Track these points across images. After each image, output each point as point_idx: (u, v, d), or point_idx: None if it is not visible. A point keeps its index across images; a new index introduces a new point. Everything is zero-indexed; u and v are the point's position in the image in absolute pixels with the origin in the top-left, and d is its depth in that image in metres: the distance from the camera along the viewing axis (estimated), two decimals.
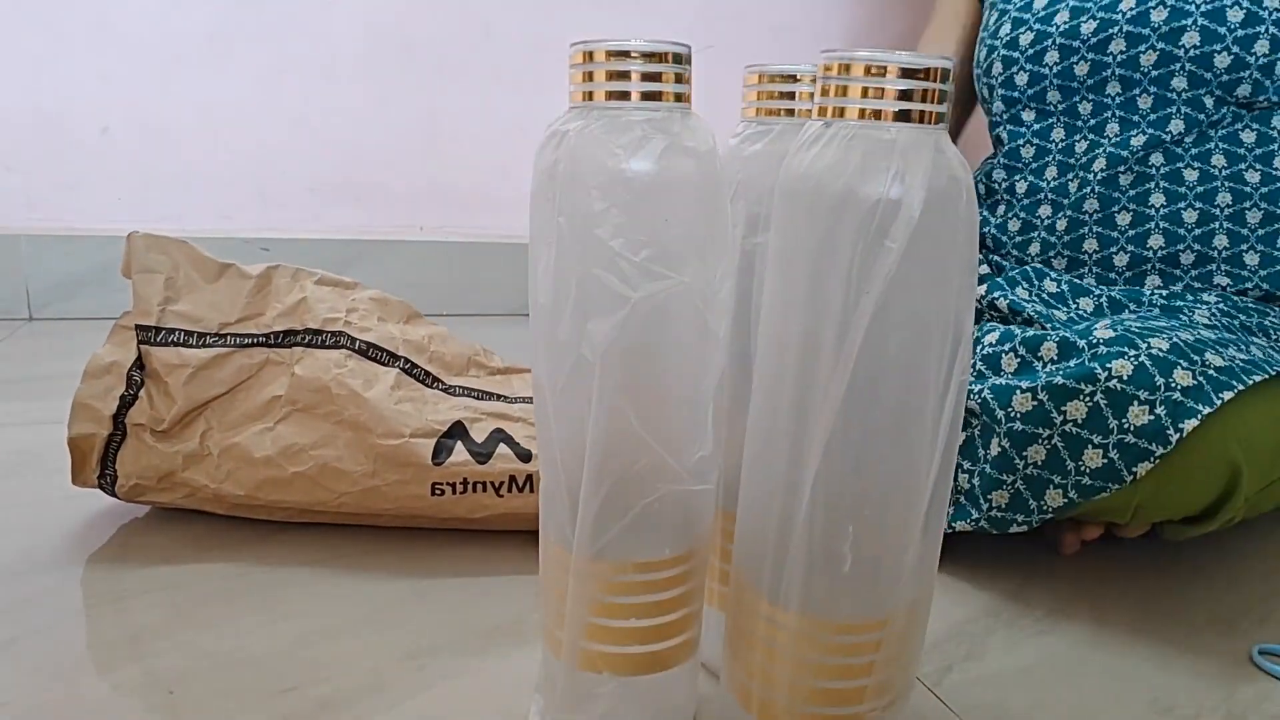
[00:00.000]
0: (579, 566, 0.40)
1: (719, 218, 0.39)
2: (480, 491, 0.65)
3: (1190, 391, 0.55)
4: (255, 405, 0.66)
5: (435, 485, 0.64)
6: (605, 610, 0.40)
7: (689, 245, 0.38)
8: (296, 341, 0.68)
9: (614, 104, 0.37)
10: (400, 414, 0.65)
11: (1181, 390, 0.55)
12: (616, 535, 0.39)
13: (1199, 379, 0.56)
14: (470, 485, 0.65)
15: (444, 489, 0.64)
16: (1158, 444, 0.55)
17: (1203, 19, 0.77)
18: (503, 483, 0.65)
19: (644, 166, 0.36)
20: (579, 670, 0.41)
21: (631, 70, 0.37)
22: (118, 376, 0.65)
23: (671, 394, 0.39)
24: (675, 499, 0.40)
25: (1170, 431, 0.55)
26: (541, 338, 0.39)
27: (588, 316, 0.37)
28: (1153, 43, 0.78)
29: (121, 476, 0.64)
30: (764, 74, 0.45)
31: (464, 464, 0.65)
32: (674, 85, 0.38)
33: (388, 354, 0.71)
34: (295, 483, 0.64)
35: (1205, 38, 0.77)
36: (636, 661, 0.41)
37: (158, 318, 0.66)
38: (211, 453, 0.64)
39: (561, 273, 0.38)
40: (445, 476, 0.64)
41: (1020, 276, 0.77)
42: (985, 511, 0.62)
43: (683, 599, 0.42)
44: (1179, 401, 0.55)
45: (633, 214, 0.36)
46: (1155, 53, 0.78)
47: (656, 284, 0.37)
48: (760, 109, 0.46)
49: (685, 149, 0.37)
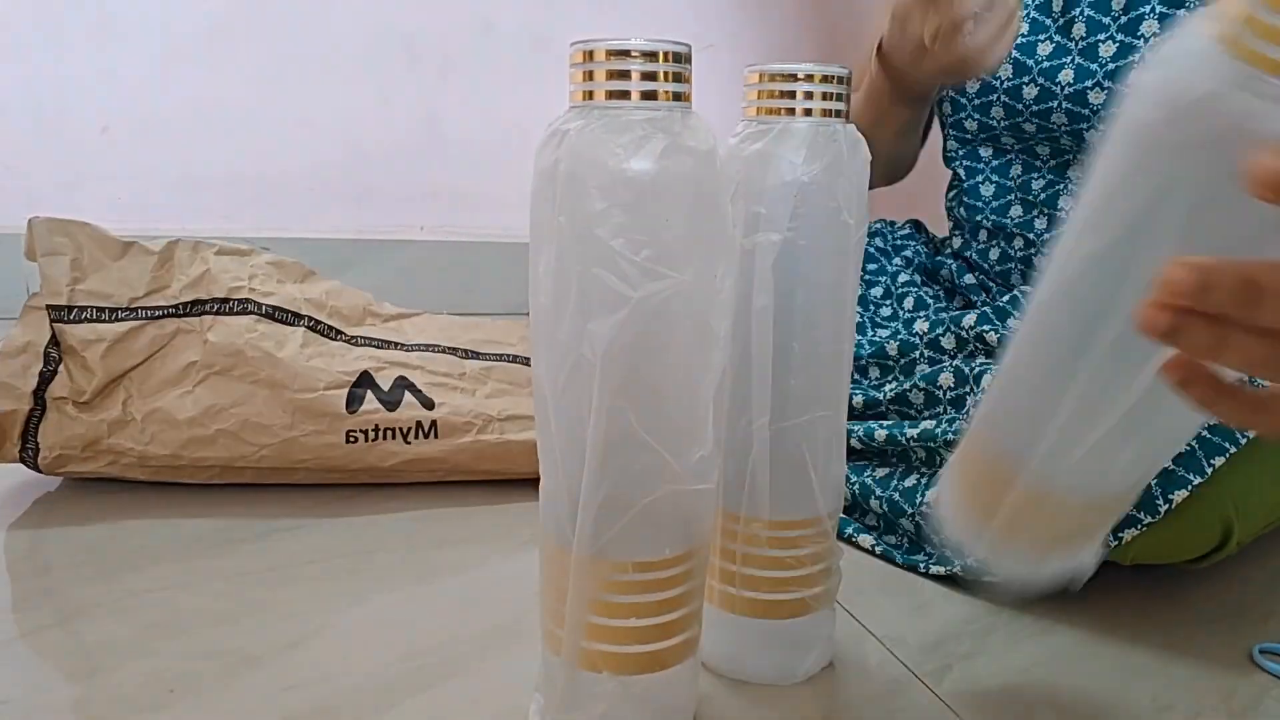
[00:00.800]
0: (579, 565, 0.39)
1: (719, 217, 0.39)
2: (390, 439, 0.71)
3: (1182, 459, 0.54)
4: (173, 372, 0.70)
5: (349, 433, 0.70)
6: (605, 609, 0.41)
7: (689, 245, 0.38)
8: (205, 310, 0.73)
9: (614, 103, 0.37)
10: (312, 369, 0.71)
11: (1173, 459, 0.54)
12: (616, 534, 0.39)
13: (1192, 444, 0.55)
14: (381, 432, 0.71)
15: (357, 436, 0.70)
16: (1146, 513, 0.55)
17: None
18: (410, 429, 0.71)
19: (644, 166, 0.36)
20: (579, 669, 0.41)
21: (631, 69, 0.37)
22: (34, 354, 0.69)
23: (671, 394, 0.39)
24: (675, 499, 0.40)
25: (1160, 502, 0.55)
26: (542, 338, 0.39)
27: (588, 316, 0.37)
28: (1094, 123, 0.77)
29: (44, 449, 0.68)
30: (764, 73, 0.45)
31: (374, 411, 0.71)
32: (674, 84, 0.38)
33: (292, 314, 0.76)
34: (218, 439, 0.69)
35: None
36: (636, 661, 0.41)
37: (68, 297, 0.69)
38: (135, 418, 0.68)
39: (562, 273, 0.38)
40: (358, 424, 0.70)
41: (1010, 305, 0.74)
42: (965, 559, 0.61)
43: (682, 598, 0.42)
44: (1170, 470, 0.54)
45: (633, 213, 0.36)
46: (1098, 131, 0.77)
47: (657, 284, 0.37)
48: (761, 108, 0.46)
49: (685, 148, 0.37)
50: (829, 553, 0.50)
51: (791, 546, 0.48)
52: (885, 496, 0.67)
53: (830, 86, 0.44)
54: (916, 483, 0.66)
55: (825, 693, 0.51)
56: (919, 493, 0.65)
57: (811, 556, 0.49)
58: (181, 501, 0.70)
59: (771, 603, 0.49)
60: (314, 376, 0.70)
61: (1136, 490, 0.43)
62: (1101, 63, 0.74)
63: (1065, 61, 0.76)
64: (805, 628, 0.50)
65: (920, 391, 0.71)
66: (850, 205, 0.45)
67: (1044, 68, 0.77)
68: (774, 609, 0.49)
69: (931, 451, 0.66)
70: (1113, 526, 0.56)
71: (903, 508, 0.65)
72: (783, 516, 0.48)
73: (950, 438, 0.63)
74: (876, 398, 0.75)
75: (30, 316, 0.70)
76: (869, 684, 0.51)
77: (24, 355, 0.68)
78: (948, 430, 0.64)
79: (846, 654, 0.55)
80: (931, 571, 0.63)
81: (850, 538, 0.68)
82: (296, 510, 0.69)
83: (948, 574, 0.62)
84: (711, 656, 0.50)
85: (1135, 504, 0.55)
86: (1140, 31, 0.73)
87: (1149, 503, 0.55)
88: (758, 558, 0.48)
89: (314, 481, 0.71)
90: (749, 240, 0.44)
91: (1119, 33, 0.74)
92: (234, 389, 0.70)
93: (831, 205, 0.45)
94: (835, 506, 0.50)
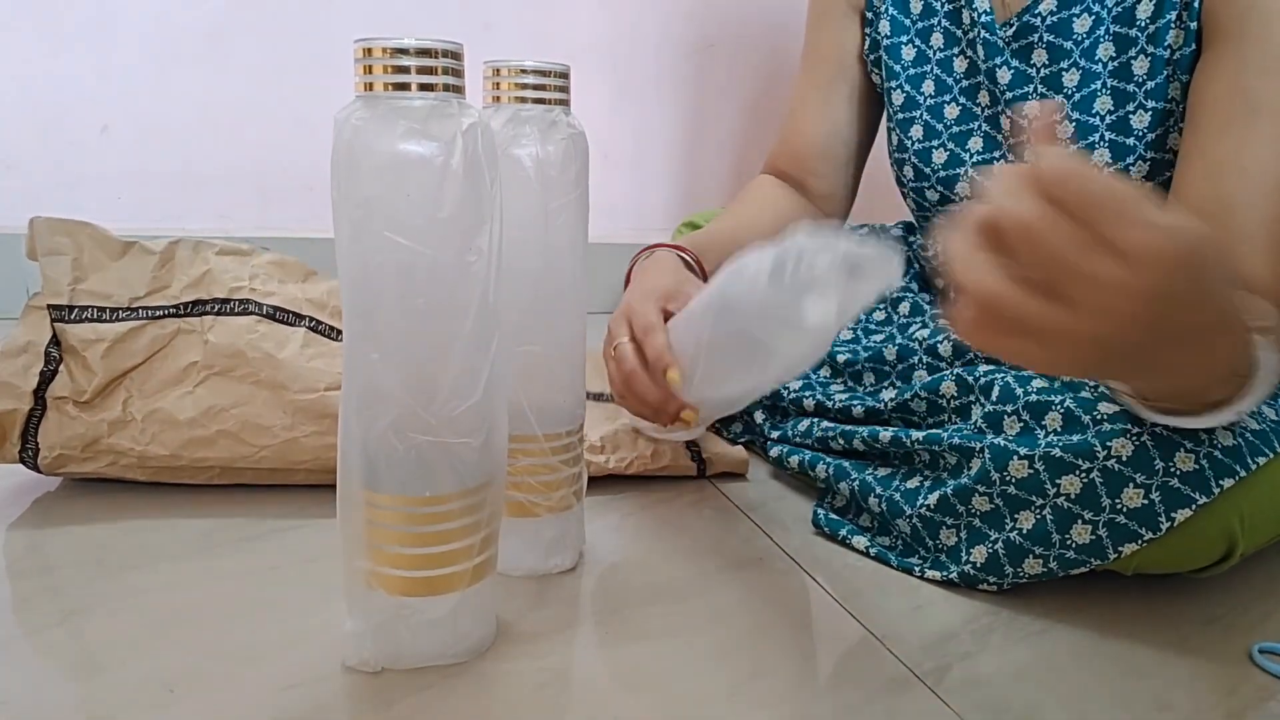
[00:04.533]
0: (356, 496, 0.48)
1: (474, 194, 0.45)
2: None
3: (1189, 477, 0.54)
4: (173, 372, 0.70)
5: None
6: (381, 537, 0.48)
7: (437, 218, 0.44)
8: (206, 311, 0.72)
9: (390, 94, 0.44)
10: (313, 370, 0.71)
11: (1180, 476, 0.54)
12: (384, 473, 0.47)
13: (1201, 462, 0.54)
14: None
15: None
16: (1148, 529, 0.55)
17: None
18: None
19: (398, 148, 0.43)
20: (363, 587, 0.49)
21: (410, 65, 0.44)
22: (35, 354, 0.69)
23: (423, 353, 0.46)
24: (432, 447, 0.47)
25: (1162, 519, 0.54)
26: (343, 304, 0.47)
27: (354, 283, 0.46)
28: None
29: (44, 449, 0.68)
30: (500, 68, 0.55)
31: None
32: (446, 78, 0.45)
33: (293, 315, 0.75)
34: (219, 440, 0.69)
35: None
36: (411, 584, 0.48)
37: (69, 297, 0.70)
38: (135, 418, 0.68)
39: (341, 244, 0.45)
40: None
41: None
42: (961, 565, 0.61)
43: (453, 534, 0.48)
44: (1175, 489, 0.54)
45: (387, 191, 0.44)
46: None
47: (402, 254, 0.44)
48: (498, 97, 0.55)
49: (433, 133, 0.44)
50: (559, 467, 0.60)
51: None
52: (885, 495, 0.67)
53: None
54: (919, 485, 0.66)
55: (825, 693, 0.51)
56: (921, 494, 0.65)
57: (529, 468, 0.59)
58: (181, 501, 0.70)
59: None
60: (315, 378, 0.70)
61: None
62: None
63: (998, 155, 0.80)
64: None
65: (923, 400, 0.71)
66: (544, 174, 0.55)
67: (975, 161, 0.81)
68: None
69: (936, 455, 0.66)
70: (1113, 541, 0.56)
71: (902, 508, 0.65)
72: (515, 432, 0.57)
73: (956, 442, 0.63)
74: (877, 407, 0.75)
75: (31, 316, 0.70)
76: (869, 684, 0.51)
77: (25, 355, 0.69)
78: (954, 435, 0.64)
79: (847, 654, 0.55)
80: (927, 576, 0.63)
81: (844, 539, 0.68)
82: (296, 510, 0.69)
83: (944, 580, 0.62)
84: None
85: (1136, 520, 0.55)
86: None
87: (1151, 519, 0.55)
88: None
89: (314, 482, 0.71)
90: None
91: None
92: (234, 390, 0.70)
93: (522, 174, 0.54)
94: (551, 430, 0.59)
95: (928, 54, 0.86)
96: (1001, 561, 0.60)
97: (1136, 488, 0.55)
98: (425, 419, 0.46)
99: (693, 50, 1.50)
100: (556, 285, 0.57)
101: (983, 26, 0.80)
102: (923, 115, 0.85)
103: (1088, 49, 0.75)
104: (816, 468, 0.74)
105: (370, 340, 0.46)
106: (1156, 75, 0.72)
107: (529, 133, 0.55)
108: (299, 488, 0.72)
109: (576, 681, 0.51)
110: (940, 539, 0.63)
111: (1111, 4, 0.74)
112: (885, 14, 0.88)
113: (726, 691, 0.50)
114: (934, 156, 0.84)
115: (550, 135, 0.55)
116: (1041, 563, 0.59)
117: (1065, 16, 0.76)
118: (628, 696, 0.49)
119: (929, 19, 0.86)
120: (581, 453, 0.62)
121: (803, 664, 0.53)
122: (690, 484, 0.79)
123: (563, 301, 0.58)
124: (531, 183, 0.55)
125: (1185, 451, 0.55)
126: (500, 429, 0.50)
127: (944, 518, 0.63)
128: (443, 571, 0.49)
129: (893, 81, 0.88)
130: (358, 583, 0.49)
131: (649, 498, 0.75)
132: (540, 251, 0.56)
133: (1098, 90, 0.74)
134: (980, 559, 0.60)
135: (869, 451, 0.73)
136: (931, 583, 0.63)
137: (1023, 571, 0.59)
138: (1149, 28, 0.72)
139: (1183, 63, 0.71)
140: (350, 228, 0.45)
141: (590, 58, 1.44)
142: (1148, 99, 0.73)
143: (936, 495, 0.63)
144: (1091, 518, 0.56)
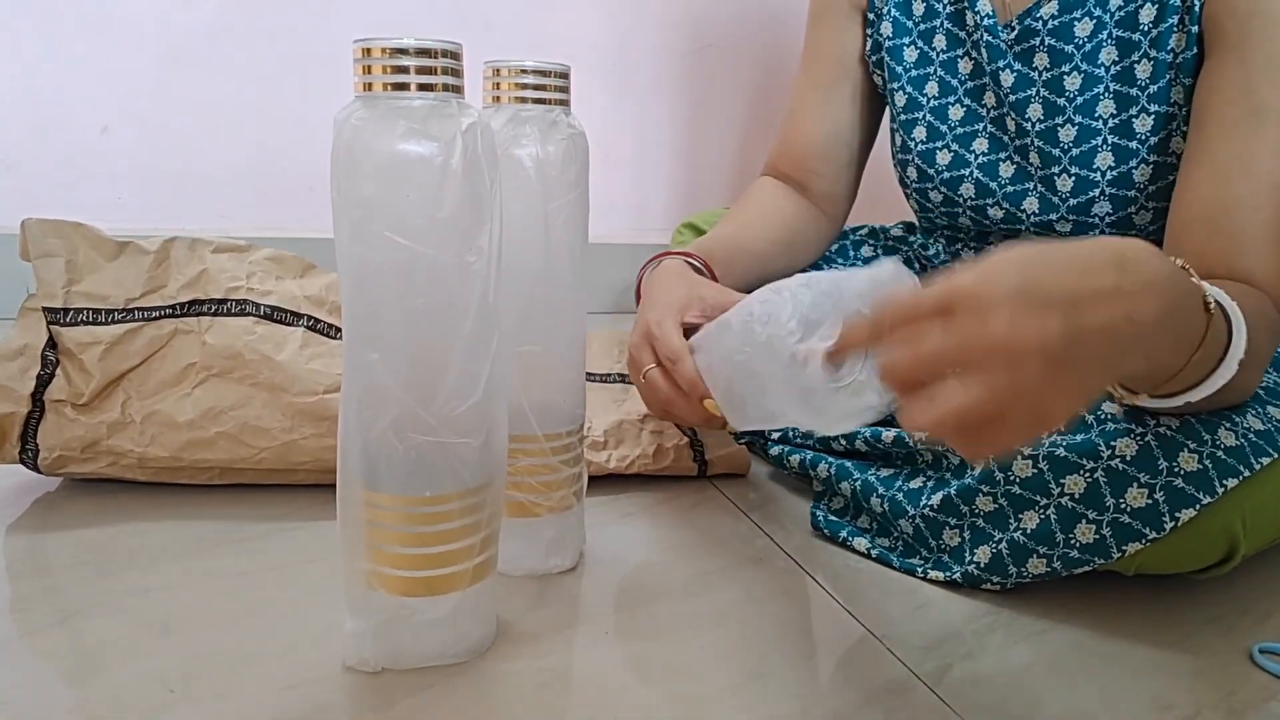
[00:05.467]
0: (356, 497, 0.48)
1: (476, 197, 0.45)
2: None
3: (1193, 477, 0.54)
4: (171, 373, 0.70)
5: None
6: (381, 537, 0.48)
7: (437, 218, 0.44)
8: (203, 311, 0.72)
9: (390, 94, 0.44)
10: (312, 373, 0.71)
11: (1184, 476, 0.54)
12: (384, 474, 0.47)
13: (1205, 462, 0.54)
14: None
15: None
16: (1151, 529, 0.55)
17: (1108, 229, 0.76)
18: None
19: (398, 148, 0.44)
20: (364, 587, 0.49)
21: (409, 65, 0.44)
22: (31, 357, 0.69)
23: (422, 353, 0.46)
24: (433, 447, 0.47)
25: (1166, 519, 0.54)
26: (343, 304, 0.47)
27: (354, 283, 0.46)
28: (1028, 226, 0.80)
29: (44, 450, 0.68)
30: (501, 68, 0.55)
31: None
32: (445, 78, 0.45)
33: (291, 314, 0.75)
34: (218, 442, 0.69)
35: (1077, 229, 0.78)
36: (411, 584, 0.48)
37: (64, 299, 0.69)
38: (134, 420, 0.68)
39: (341, 244, 0.45)
40: None
41: None
42: (964, 566, 0.62)
43: (453, 534, 0.48)
44: (1179, 489, 0.54)
45: (386, 191, 0.44)
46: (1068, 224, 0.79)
47: (402, 254, 0.44)
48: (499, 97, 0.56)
49: (432, 133, 0.44)
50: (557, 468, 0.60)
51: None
52: (888, 496, 0.67)
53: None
54: (922, 485, 0.66)
55: (826, 693, 0.51)
56: (924, 495, 0.65)
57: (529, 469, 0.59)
58: (181, 501, 0.70)
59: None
60: (313, 380, 0.70)
61: None
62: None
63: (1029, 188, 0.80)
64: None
65: None
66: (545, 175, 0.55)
67: (985, 168, 0.82)
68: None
69: (939, 456, 0.66)
70: (1117, 540, 0.56)
71: (904, 508, 0.65)
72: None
73: None
74: None
75: (27, 318, 0.70)
76: (869, 684, 0.51)
77: (21, 358, 0.68)
78: None
79: (847, 654, 0.55)
80: (930, 576, 0.63)
81: (845, 541, 0.68)
82: (296, 510, 0.69)
83: (946, 580, 0.62)
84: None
85: (1140, 519, 0.55)
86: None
87: (1155, 518, 0.55)
88: None
89: (314, 482, 0.71)
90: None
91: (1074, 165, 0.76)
92: (233, 391, 0.70)
93: (523, 174, 0.54)
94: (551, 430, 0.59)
95: (930, 56, 0.86)
96: (1006, 561, 0.60)
97: (1140, 487, 0.55)
98: (425, 419, 0.46)
99: (692, 50, 1.50)
100: (556, 285, 0.57)
101: (985, 29, 0.80)
102: (926, 116, 0.85)
103: (1089, 53, 0.75)
104: (818, 467, 0.74)
105: (370, 340, 0.46)
106: (1159, 79, 0.72)
107: (529, 133, 0.55)
108: (299, 488, 0.72)
109: (576, 681, 0.51)
110: (943, 539, 0.63)
111: (1114, 8, 0.74)
112: (887, 15, 0.88)
113: (727, 691, 0.50)
114: (938, 157, 0.84)
115: (550, 135, 0.55)
116: (1045, 562, 0.59)
117: (1066, 20, 0.76)
118: (628, 696, 0.49)
119: (931, 21, 0.86)
120: (582, 453, 0.62)
121: (803, 664, 0.53)
122: (691, 484, 0.79)
123: (563, 301, 0.58)
124: (531, 183, 0.55)
125: (1189, 451, 0.55)
126: (500, 429, 0.50)
127: (947, 518, 0.63)
128: (443, 571, 0.49)
129: (895, 83, 0.88)
130: (358, 583, 0.49)
131: (649, 498, 0.75)
132: (540, 251, 0.56)
133: (1100, 94, 0.74)
134: (984, 559, 0.60)
135: (871, 452, 0.73)
136: (934, 583, 0.63)
137: (1027, 571, 0.59)
138: (1152, 32, 0.72)
139: (1185, 66, 0.71)
140: (350, 228, 0.45)
141: (590, 58, 1.44)
142: (1151, 103, 0.73)
143: (940, 495, 0.63)
144: (1095, 517, 0.56)
